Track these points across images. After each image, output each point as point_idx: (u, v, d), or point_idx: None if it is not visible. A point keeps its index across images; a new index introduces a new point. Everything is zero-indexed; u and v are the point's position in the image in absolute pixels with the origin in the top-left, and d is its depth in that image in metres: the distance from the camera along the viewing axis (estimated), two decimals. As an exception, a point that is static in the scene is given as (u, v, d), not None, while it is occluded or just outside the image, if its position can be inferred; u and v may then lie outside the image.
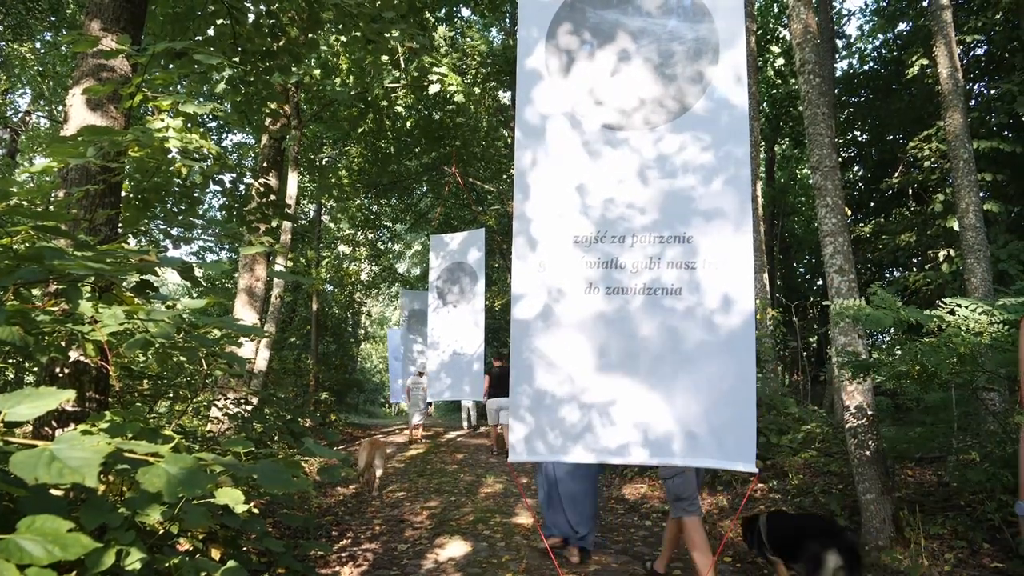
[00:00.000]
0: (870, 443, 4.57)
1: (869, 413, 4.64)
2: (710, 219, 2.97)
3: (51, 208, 3.26)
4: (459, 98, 9.90)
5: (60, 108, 12.30)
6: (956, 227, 8.42)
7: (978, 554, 4.12)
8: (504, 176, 16.50)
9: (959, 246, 8.21)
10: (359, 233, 20.77)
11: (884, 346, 5.43)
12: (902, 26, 14.03)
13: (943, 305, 3.84)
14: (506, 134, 15.63)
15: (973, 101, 11.99)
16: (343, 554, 4.52)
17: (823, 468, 6.01)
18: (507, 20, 16.11)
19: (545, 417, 2.98)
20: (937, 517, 4.51)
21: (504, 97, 15.88)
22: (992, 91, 10.89)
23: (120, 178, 3.39)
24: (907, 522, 4.32)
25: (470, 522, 5.58)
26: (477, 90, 12.92)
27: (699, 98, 3.07)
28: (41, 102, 13.31)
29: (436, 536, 5.11)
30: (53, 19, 10.81)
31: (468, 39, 13.77)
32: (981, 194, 8.58)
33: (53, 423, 3.04)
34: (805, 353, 13.85)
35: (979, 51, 12.84)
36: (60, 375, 3.12)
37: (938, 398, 5.52)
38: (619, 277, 3.01)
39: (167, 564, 2.34)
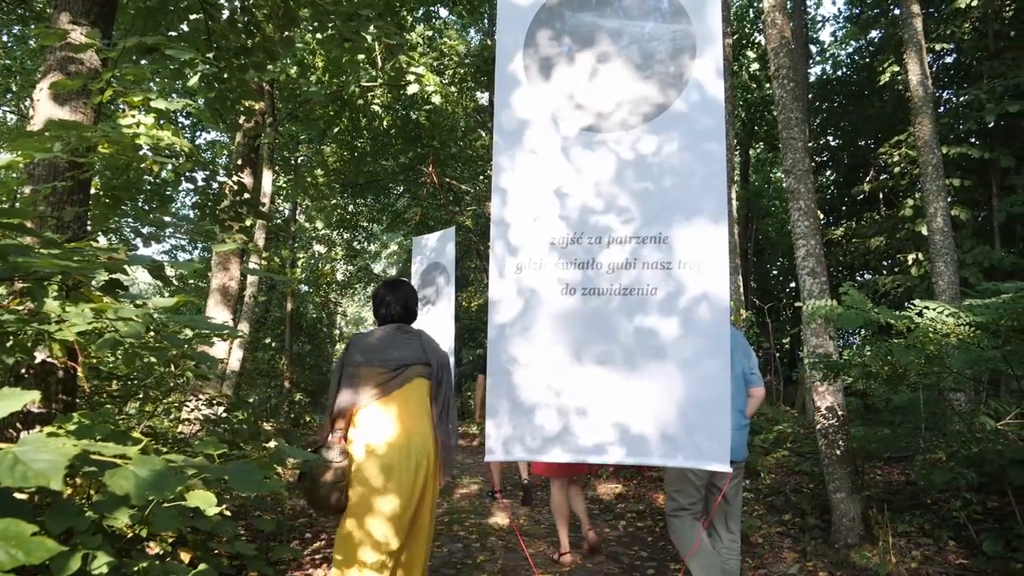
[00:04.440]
0: (840, 443, 4.65)
1: (840, 414, 4.72)
2: (687, 218, 2.99)
3: (17, 205, 3.19)
4: (436, 99, 9.87)
5: (28, 103, 12.03)
6: (925, 231, 8.59)
7: (944, 551, 4.20)
8: (481, 177, 16.48)
9: (927, 250, 8.37)
10: (335, 233, 20.61)
11: (855, 347, 5.52)
12: (874, 33, 14.29)
13: (912, 307, 3.92)
14: (484, 134, 15.62)
15: (942, 108, 12.24)
16: (317, 556, 4.47)
17: (795, 468, 6.09)
18: (485, 21, 16.10)
19: (523, 419, 2.98)
20: (905, 515, 4.59)
21: (482, 98, 15.87)
22: (961, 98, 11.14)
23: (89, 175, 3.32)
24: (876, 520, 4.40)
25: (445, 523, 5.57)
26: (454, 89, 12.89)
27: (676, 98, 3.08)
28: (8, 96, 13.02)
29: (411, 538, 5.08)
30: (21, 11, 10.58)
31: (446, 39, 13.74)
32: (949, 199, 8.77)
33: (18, 425, 2.98)
34: (778, 354, 14.03)
35: (948, 59, 13.12)
36: (25, 376, 3.05)
37: (906, 399, 5.63)
38: (595, 278, 3.02)
39: (136, 568, 2.30)
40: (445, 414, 2.90)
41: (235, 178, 6.02)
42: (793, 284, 17.35)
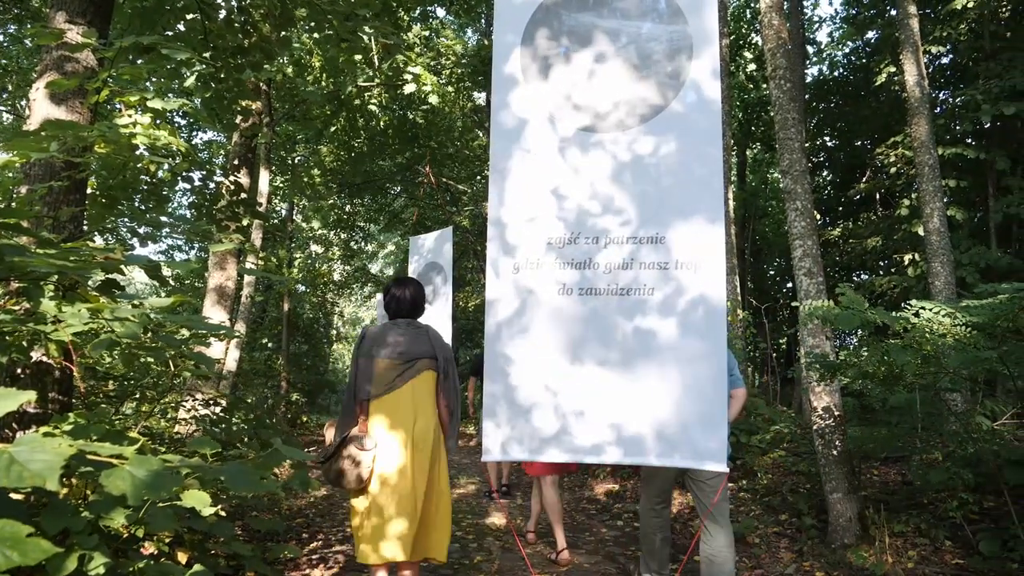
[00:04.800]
0: (837, 443, 4.65)
1: (836, 414, 4.72)
2: (684, 218, 2.99)
3: (13, 204, 3.18)
4: (433, 99, 9.85)
5: (24, 103, 11.99)
6: (921, 232, 8.60)
7: (940, 551, 4.21)
8: (478, 177, 16.47)
9: (924, 250, 8.39)
10: (332, 233, 20.57)
11: (851, 347, 5.53)
12: (871, 34, 14.31)
13: (909, 308, 3.93)
14: (481, 134, 15.61)
15: (938, 109, 12.26)
16: (314, 556, 4.47)
17: (791, 468, 6.10)
18: (482, 21, 16.10)
19: (520, 419, 2.98)
20: (901, 515, 4.60)
21: (479, 97, 15.87)
22: (957, 99, 11.16)
23: (86, 174, 3.32)
24: (872, 520, 4.41)
25: (442, 523, 5.55)
26: (451, 89, 12.88)
27: (673, 99, 3.09)
28: (4, 96, 12.97)
29: (408, 538, 5.07)
30: (18, 11, 10.55)
31: (443, 39, 13.73)
32: (945, 200, 8.78)
33: (14, 425, 2.97)
34: (774, 354, 14.06)
35: (945, 60, 13.14)
36: (21, 376, 3.04)
37: (902, 399, 5.64)
38: (593, 278, 3.02)
39: (132, 568, 2.29)
40: (452, 405, 3.19)
41: (232, 178, 6.01)
42: (790, 284, 17.37)
